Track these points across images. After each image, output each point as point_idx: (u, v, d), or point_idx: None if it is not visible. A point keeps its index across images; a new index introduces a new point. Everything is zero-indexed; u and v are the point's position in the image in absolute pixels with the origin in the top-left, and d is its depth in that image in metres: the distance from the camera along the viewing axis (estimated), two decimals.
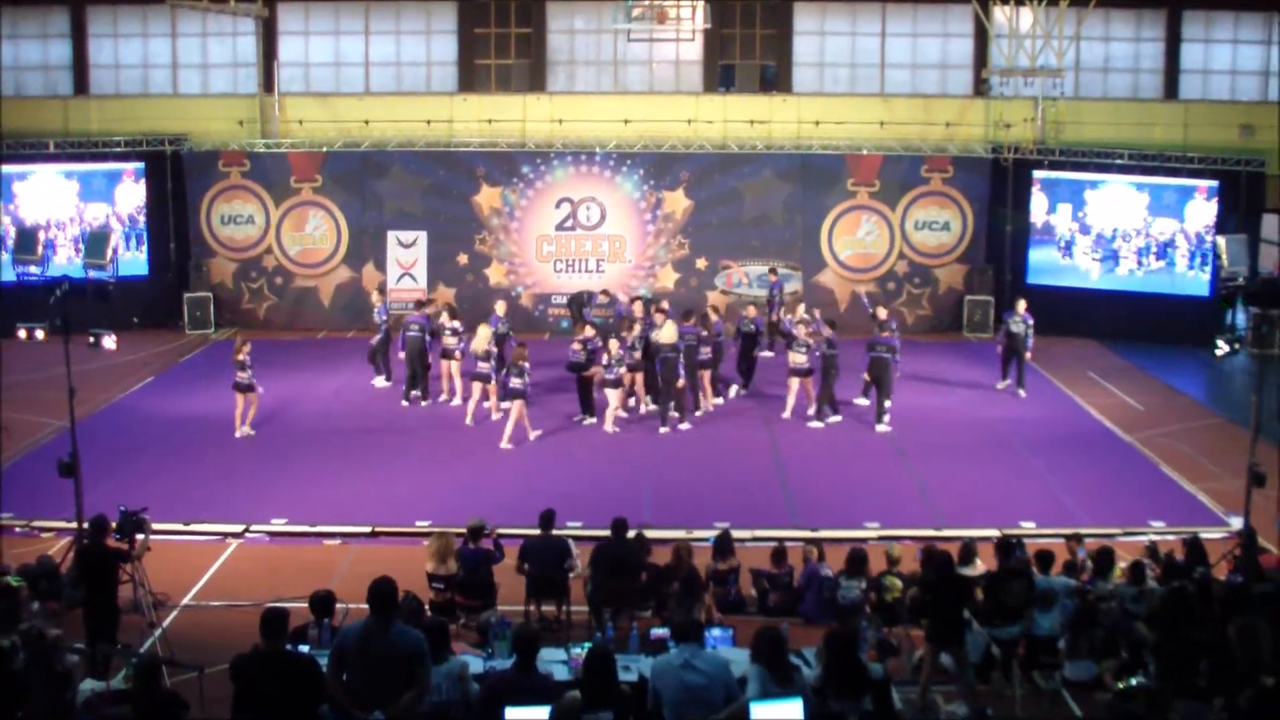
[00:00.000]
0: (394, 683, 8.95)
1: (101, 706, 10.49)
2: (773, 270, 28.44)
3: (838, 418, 22.73)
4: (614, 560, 14.09)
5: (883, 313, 24.03)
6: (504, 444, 21.18)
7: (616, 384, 22.06)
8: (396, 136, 30.56)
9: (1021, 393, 24.15)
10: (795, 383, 22.67)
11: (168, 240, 30.69)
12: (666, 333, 22.01)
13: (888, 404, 22.40)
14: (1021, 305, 24.35)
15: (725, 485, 19.44)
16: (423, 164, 30.28)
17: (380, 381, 25.02)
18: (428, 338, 23.89)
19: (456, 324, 23.69)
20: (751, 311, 25.02)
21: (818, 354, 22.40)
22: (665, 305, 23.93)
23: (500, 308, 24.42)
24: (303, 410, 23.57)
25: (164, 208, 30.52)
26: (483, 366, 22.27)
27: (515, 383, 21.22)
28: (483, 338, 22.33)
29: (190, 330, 29.79)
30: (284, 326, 30.41)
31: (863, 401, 23.51)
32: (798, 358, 22.47)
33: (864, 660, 10.80)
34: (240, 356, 21.71)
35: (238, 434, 21.71)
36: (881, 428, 22.14)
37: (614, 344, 22.10)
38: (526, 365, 21.24)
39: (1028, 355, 24.16)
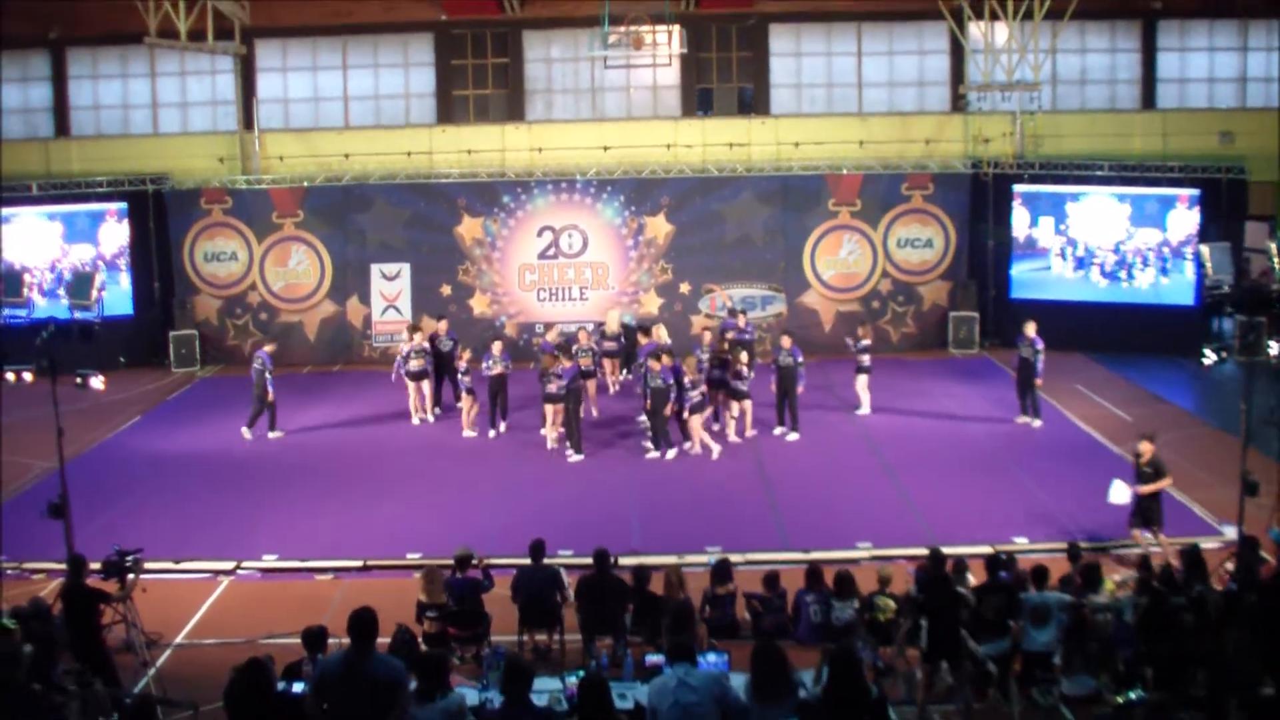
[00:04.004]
0: (374, 712, 8.95)
1: None
2: (731, 311, 28.08)
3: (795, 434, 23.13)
4: (597, 591, 14.05)
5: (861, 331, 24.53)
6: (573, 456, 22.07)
7: (700, 407, 22.06)
8: (377, 170, 30.59)
9: (1036, 423, 23.46)
10: (735, 406, 22.93)
11: (152, 279, 30.64)
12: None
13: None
14: (1030, 328, 23.32)
15: (714, 509, 19.38)
16: (404, 196, 30.29)
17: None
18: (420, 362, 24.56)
19: (425, 344, 24.45)
20: (787, 342, 23.42)
21: (772, 367, 23.17)
22: (658, 336, 23.97)
23: (497, 347, 23.91)
24: (290, 445, 23.49)
25: (147, 246, 30.50)
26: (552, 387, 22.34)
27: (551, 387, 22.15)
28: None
29: (176, 368, 29.69)
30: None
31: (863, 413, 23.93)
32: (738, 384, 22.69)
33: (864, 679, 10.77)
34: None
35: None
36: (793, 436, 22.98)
37: (693, 361, 22.20)
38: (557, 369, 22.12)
39: (1038, 382, 23.25)
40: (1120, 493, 17.39)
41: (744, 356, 22.76)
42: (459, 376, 23.86)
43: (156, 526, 18.62)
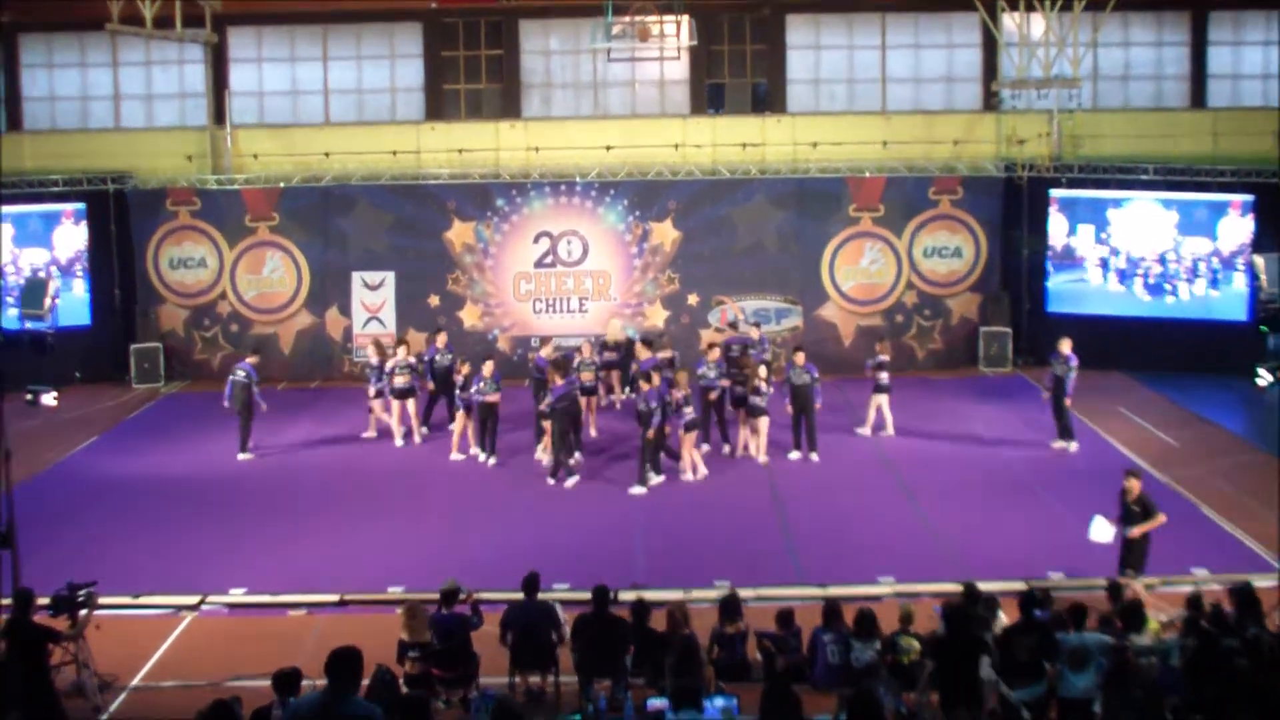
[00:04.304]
0: None
1: None
2: (733, 325, 28.12)
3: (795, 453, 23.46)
4: (595, 631, 13.95)
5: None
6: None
7: (694, 425, 22.36)
8: (360, 169, 30.59)
9: (1071, 447, 23.48)
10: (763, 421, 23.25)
11: (112, 286, 30.64)
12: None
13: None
14: (1065, 345, 23.30)
15: (723, 540, 19.34)
16: (389, 199, 30.29)
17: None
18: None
19: (411, 359, 24.66)
20: (801, 359, 23.66)
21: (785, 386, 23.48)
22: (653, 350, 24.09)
23: (488, 368, 23.55)
24: (262, 469, 23.45)
25: (107, 251, 30.52)
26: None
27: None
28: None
29: (137, 384, 29.67)
30: None
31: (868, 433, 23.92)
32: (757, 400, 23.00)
33: None
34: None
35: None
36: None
37: (762, 370, 22.62)
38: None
39: (1067, 402, 23.27)
40: (1102, 531, 17.08)
41: (762, 371, 22.91)
42: (456, 393, 23.79)
43: (112, 558, 18.56)
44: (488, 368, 23.08)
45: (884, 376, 24.26)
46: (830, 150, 30.85)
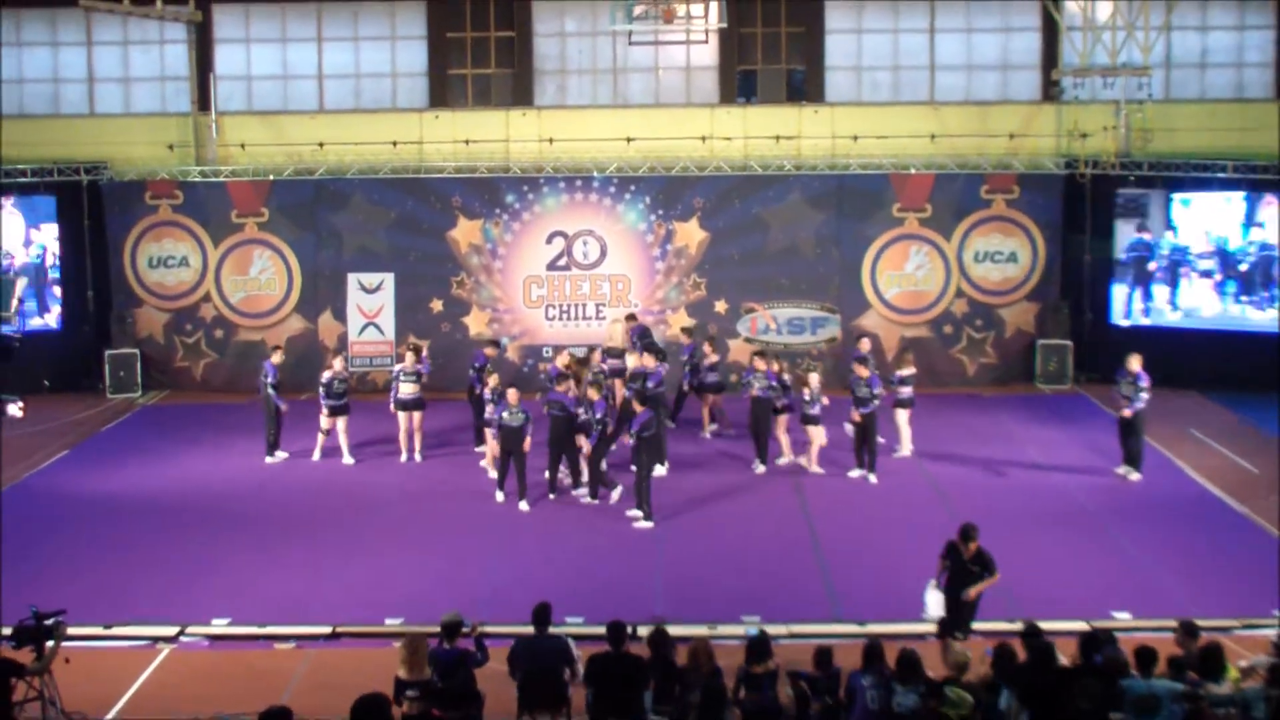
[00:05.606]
0: None
1: None
2: (630, 317, 27.83)
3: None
4: (612, 670, 13.91)
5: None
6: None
7: (819, 420, 23.55)
8: (357, 161, 30.67)
9: (1134, 475, 23.36)
10: (814, 431, 23.90)
11: (85, 287, 30.77)
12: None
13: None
14: (1134, 362, 23.13)
15: (753, 570, 19.36)
16: (388, 193, 30.36)
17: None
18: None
19: (418, 365, 24.81)
20: (864, 371, 23.65)
21: (763, 394, 23.93)
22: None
23: (513, 396, 23.19)
24: (248, 488, 23.50)
25: (80, 248, 30.65)
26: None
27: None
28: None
29: (112, 393, 29.77)
30: (225, 388, 30.39)
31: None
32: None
33: None
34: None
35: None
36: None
37: (814, 378, 23.60)
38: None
39: (1125, 414, 23.13)
40: (936, 604, 16.49)
41: (814, 380, 23.52)
42: (485, 406, 23.56)
43: (83, 584, 18.59)
44: (513, 395, 22.40)
45: (906, 391, 24.36)
46: (873, 144, 30.85)
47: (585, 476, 22.71)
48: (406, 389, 24.58)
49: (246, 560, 19.96)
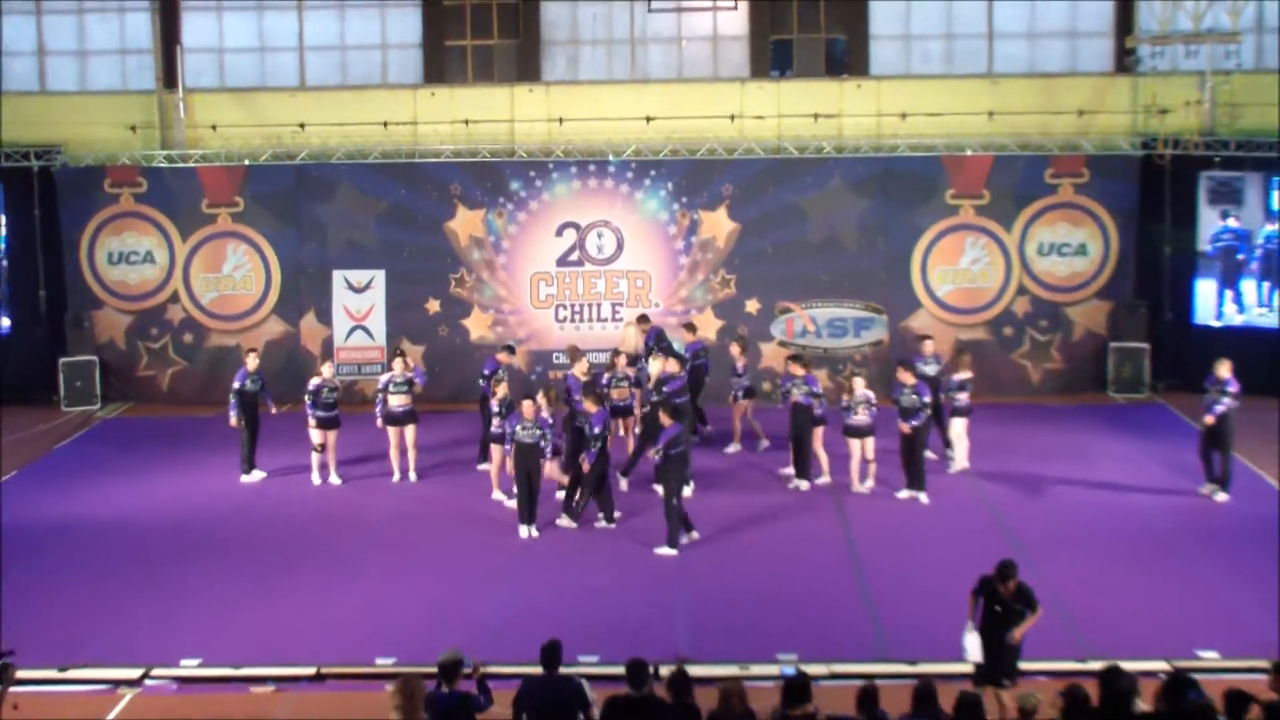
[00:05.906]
0: None
1: None
2: (643, 318, 27.87)
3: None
4: (631, 716, 13.92)
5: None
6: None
7: (870, 430, 23.56)
8: (343, 144, 30.78)
9: (1221, 495, 23.31)
10: (855, 444, 23.84)
11: (36, 287, 30.89)
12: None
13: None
14: (1223, 368, 23.08)
15: (789, 603, 19.31)
16: (378, 180, 30.47)
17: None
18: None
19: (408, 373, 24.79)
20: (909, 378, 23.68)
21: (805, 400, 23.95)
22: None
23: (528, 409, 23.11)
24: (223, 512, 23.54)
25: (30, 243, 30.75)
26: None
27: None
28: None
29: (68, 406, 29.91)
30: (195, 400, 30.48)
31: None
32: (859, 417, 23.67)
33: None
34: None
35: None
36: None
37: (859, 382, 23.65)
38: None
39: (1208, 420, 23.09)
40: (976, 649, 16.45)
41: (859, 386, 23.54)
42: (493, 419, 23.58)
43: (36, 621, 18.55)
44: (528, 408, 22.05)
45: (963, 398, 24.27)
46: (923, 123, 30.84)
47: (579, 496, 22.71)
48: (396, 400, 24.48)
49: (220, 593, 19.94)
